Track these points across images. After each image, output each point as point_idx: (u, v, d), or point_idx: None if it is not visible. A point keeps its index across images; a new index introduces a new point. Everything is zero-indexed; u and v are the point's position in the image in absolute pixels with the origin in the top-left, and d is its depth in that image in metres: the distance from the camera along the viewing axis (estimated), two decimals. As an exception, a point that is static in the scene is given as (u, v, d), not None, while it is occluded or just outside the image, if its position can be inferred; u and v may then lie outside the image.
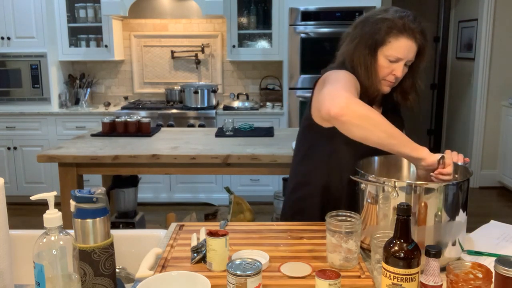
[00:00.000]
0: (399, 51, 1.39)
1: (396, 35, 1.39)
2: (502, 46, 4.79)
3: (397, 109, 1.61)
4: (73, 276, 0.95)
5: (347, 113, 1.23)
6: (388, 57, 1.40)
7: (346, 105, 1.24)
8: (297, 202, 1.60)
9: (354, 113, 1.24)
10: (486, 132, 4.95)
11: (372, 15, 1.46)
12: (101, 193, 1.02)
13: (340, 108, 1.23)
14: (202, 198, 4.46)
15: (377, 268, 1.08)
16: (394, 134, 1.25)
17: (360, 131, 1.25)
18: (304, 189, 1.58)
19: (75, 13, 4.49)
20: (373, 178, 1.21)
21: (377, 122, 1.25)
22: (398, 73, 1.42)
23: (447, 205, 1.16)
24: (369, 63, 1.42)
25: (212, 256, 1.13)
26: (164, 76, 4.87)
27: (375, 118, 1.25)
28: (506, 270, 0.90)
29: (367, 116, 1.24)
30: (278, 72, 4.76)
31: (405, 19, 1.39)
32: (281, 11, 4.33)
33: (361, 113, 1.24)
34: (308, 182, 1.56)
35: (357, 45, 1.44)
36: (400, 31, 1.38)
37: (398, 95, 1.54)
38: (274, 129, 3.22)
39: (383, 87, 1.47)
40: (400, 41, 1.39)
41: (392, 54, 1.40)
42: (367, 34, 1.42)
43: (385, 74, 1.44)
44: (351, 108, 1.24)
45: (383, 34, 1.39)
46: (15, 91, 4.36)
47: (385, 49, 1.40)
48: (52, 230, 0.94)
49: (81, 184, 2.63)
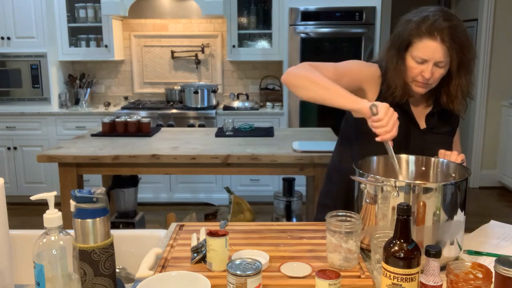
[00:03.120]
0: (423, 52, 1.38)
1: (419, 36, 1.38)
2: (502, 46, 4.79)
3: (451, 113, 1.55)
4: (73, 276, 0.95)
5: (290, 77, 1.43)
6: (414, 58, 1.41)
7: (292, 70, 1.43)
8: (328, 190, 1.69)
9: (295, 76, 1.42)
10: (486, 132, 4.95)
11: (405, 16, 1.46)
12: (101, 193, 1.02)
13: (286, 73, 1.44)
14: (202, 198, 4.46)
15: (377, 268, 1.08)
16: (333, 88, 1.35)
17: (303, 91, 1.40)
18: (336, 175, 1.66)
19: (75, 13, 4.48)
20: (372, 178, 1.21)
21: (315, 81, 1.37)
22: (426, 74, 1.40)
23: (446, 204, 1.16)
24: (397, 64, 1.44)
25: (212, 256, 1.13)
26: (164, 76, 4.87)
27: (313, 78, 1.38)
28: (506, 270, 0.90)
29: (305, 77, 1.39)
30: (278, 72, 4.76)
31: (430, 19, 1.37)
32: (281, 11, 4.33)
33: (301, 75, 1.40)
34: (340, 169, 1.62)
35: (390, 46, 1.47)
36: (423, 32, 1.37)
37: (444, 97, 1.50)
38: (274, 129, 3.22)
39: (415, 88, 1.46)
40: (424, 42, 1.37)
41: (417, 55, 1.39)
42: (396, 36, 1.45)
43: (415, 75, 1.43)
44: (294, 72, 1.42)
45: (408, 35, 1.40)
46: (15, 91, 4.36)
47: (411, 50, 1.41)
48: (52, 230, 0.94)
49: (81, 184, 2.63)
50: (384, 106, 1.27)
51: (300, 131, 3.21)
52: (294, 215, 3.33)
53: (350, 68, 1.49)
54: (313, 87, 1.37)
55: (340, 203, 1.53)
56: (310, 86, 1.37)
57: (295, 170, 2.54)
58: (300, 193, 3.38)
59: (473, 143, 4.97)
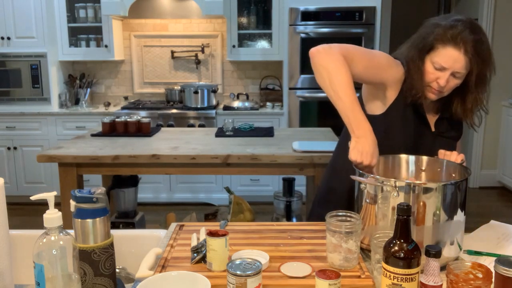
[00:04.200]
0: (444, 59, 1.37)
1: (444, 43, 1.37)
2: (502, 46, 4.79)
3: (458, 121, 1.55)
4: (73, 276, 0.95)
5: (318, 56, 1.36)
6: (434, 64, 1.40)
7: (324, 50, 1.35)
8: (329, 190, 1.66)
9: (323, 60, 1.35)
10: (486, 132, 4.95)
11: (433, 19, 1.46)
12: (101, 193, 1.02)
13: (317, 50, 1.37)
14: (202, 198, 4.46)
15: (377, 268, 1.08)
16: (345, 99, 1.31)
17: (318, 77, 1.37)
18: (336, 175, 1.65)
19: (75, 13, 4.48)
20: (372, 178, 1.21)
21: (334, 81, 1.32)
22: (441, 82, 1.39)
23: (446, 204, 1.16)
24: (417, 66, 1.43)
25: (212, 256, 1.13)
26: (164, 76, 4.87)
27: (334, 76, 1.32)
28: (506, 270, 0.90)
29: (329, 68, 1.33)
30: (278, 72, 4.76)
31: (457, 28, 1.36)
32: (281, 11, 4.33)
33: (328, 62, 1.34)
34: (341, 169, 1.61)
35: (410, 46, 1.47)
36: (449, 39, 1.36)
37: (458, 109, 1.49)
38: (274, 129, 3.22)
39: (428, 93, 1.45)
40: (447, 50, 1.37)
41: (437, 61, 1.39)
42: (420, 37, 1.44)
43: (430, 80, 1.42)
44: (325, 55, 1.35)
45: (432, 40, 1.39)
46: (15, 91, 4.36)
47: (432, 54, 1.40)
48: (52, 230, 0.94)
49: (81, 184, 2.63)
50: (354, 148, 1.29)
51: (300, 131, 3.21)
52: (294, 215, 3.33)
53: (380, 63, 1.45)
54: (328, 84, 1.34)
55: (343, 200, 1.54)
56: (326, 80, 1.34)
57: (295, 170, 2.54)
58: (300, 193, 3.38)
59: (473, 143, 4.97)
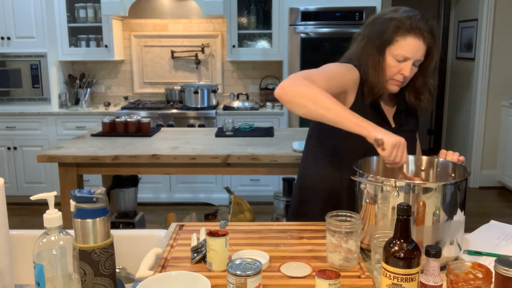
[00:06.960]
0: (407, 50, 1.39)
1: (403, 34, 1.39)
2: (502, 46, 4.79)
3: (413, 110, 1.60)
4: (73, 276, 0.95)
5: (287, 92, 1.31)
6: (396, 57, 1.41)
7: (288, 85, 1.31)
8: (301, 204, 1.62)
9: (294, 92, 1.30)
10: (486, 132, 4.95)
11: (382, 15, 1.47)
12: (101, 193, 1.02)
13: (281, 88, 1.32)
14: (202, 198, 4.45)
15: (377, 268, 1.08)
16: (333, 109, 1.26)
17: (301, 109, 1.31)
18: (306, 189, 1.61)
19: (75, 13, 4.48)
20: (372, 178, 1.21)
21: (315, 99, 1.28)
22: (406, 73, 1.41)
23: (445, 204, 1.16)
24: (377, 62, 1.43)
25: (212, 256, 1.13)
26: (164, 76, 4.87)
27: (314, 96, 1.28)
28: (506, 270, 0.90)
29: (305, 94, 1.29)
30: (278, 72, 4.75)
31: (413, 18, 1.39)
32: (281, 11, 4.33)
33: (300, 91, 1.29)
34: (311, 181, 1.58)
35: (366, 44, 1.46)
36: (408, 30, 1.38)
37: (411, 95, 1.53)
38: (274, 129, 3.22)
39: (391, 86, 1.47)
40: (408, 40, 1.39)
41: (400, 53, 1.40)
42: (375, 34, 1.44)
43: (393, 74, 1.44)
44: (292, 88, 1.31)
45: (391, 33, 1.40)
46: (15, 91, 4.35)
47: (393, 48, 1.41)
48: (52, 230, 0.94)
49: (81, 184, 2.63)
50: (390, 143, 1.22)
51: (300, 131, 3.20)
52: (294, 215, 3.33)
53: (335, 73, 1.45)
54: (312, 106, 1.28)
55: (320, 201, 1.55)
56: (308, 105, 1.29)
57: (295, 170, 2.53)
58: (300, 193, 3.38)
59: (473, 143, 4.97)
